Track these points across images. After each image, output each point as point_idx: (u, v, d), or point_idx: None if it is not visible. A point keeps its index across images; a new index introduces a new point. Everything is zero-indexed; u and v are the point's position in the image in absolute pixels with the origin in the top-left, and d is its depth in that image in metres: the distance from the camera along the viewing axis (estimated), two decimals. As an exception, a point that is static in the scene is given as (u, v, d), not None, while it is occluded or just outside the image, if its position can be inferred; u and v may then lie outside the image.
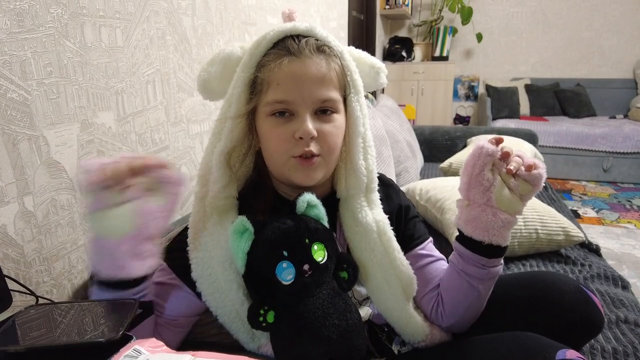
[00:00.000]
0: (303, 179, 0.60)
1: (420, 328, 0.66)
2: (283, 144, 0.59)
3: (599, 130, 3.45)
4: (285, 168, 0.60)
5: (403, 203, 0.74)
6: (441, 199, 1.33)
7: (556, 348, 0.54)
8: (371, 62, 0.69)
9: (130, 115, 0.94)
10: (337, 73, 0.60)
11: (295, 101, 0.58)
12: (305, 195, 0.58)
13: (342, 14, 2.61)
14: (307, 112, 0.58)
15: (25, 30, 0.69)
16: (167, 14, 1.03)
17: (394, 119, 2.16)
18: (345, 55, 0.63)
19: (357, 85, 0.64)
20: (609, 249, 2.32)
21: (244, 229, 0.55)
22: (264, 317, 0.55)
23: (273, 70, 0.58)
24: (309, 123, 0.57)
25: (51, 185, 0.76)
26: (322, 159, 0.60)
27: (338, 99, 0.61)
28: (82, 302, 0.47)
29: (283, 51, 0.58)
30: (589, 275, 1.11)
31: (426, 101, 4.13)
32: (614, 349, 0.82)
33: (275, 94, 0.58)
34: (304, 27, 0.60)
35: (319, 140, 0.59)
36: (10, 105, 0.68)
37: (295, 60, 0.58)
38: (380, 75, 0.70)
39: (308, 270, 0.54)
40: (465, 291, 0.64)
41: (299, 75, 0.57)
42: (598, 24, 4.04)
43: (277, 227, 0.55)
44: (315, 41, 0.60)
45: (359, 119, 0.63)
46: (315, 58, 0.58)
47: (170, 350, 0.37)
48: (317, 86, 0.58)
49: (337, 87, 0.61)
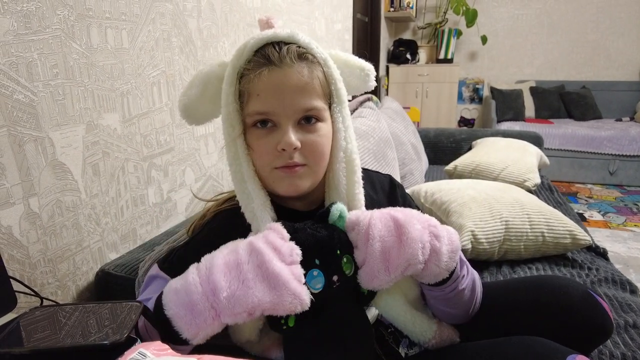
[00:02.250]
0: (288, 188, 0.58)
1: (427, 325, 0.66)
2: (266, 156, 0.57)
3: (605, 133, 3.42)
4: (270, 180, 0.59)
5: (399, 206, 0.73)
6: (446, 201, 1.32)
7: (565, 353, 0.53)
8: (360, 65, 0.68)
9: (136, 116, 0.94)
10: (320, 81, 0.58)
11: (277, 112, 0.56)
12: (338, 204, 0.58)
13: (346, 16, 2.61)
14: (290, 122, 0.56)
15: (31, 32, 0.69)
16: (173, 16, 1.03)
17: (399, 121, 2.15)
18: (329, 62, 0.61)
19: (340, 95, 0.61)
20: (616, 252, 2.30)
21: None
22: (285, 320, 0.54)
23: (253, 80, 0.56)
24: (291, 134, 0.55)
25: (56, 187, 0.76)
26: (308, 168, 0.58)
27: (322, 107, 0.59)
28: (87, 304, 0.46)
29: (263, 60, 0.56)
30: (596, 279, 1.10)
31: (431, 104, 4.12)
32: (623, 354, 0.80)
33: (256, 105, 0.56)
34: (285, 33, 0.58)
35: (304, 151, 0.57)
36: (17, 107, 0.68)
37: (276, 69, 0.55)
38: (370, 76, 0.69)
39: (337, 282, 0.54)
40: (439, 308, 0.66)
41: (279, 85, 0.55)
42: (604, 26, 4.02)
43: (312, 234, 0.55)
44: (297, 48, 0.57)
45: (341, 131, 0.61)
46: (296, 66, 0.56)
47: (176, 353, 0.37)
48: (299, 95, 0.56)
49: (321, 95, 0.59)
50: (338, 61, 0.65)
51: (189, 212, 1.17)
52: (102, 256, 0.88)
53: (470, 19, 3.97)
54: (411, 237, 0.54)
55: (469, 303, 0.66)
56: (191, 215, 1.17)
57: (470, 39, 4.30)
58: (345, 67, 0.65)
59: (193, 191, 1.17)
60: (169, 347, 0.37)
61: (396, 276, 0.54)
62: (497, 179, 1.73)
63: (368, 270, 0.54)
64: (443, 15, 4.24)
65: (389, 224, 0.55)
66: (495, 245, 1.16)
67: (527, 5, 4.18)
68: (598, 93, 4.03)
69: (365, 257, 0.55)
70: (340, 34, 2.49)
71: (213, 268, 0.48)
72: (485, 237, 1.16)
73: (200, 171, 1.20)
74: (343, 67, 0.65)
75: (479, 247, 1.16)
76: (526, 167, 1.79)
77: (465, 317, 0.68)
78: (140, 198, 0.98)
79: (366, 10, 3.45)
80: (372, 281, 0.55)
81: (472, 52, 4.44)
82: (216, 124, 1.26)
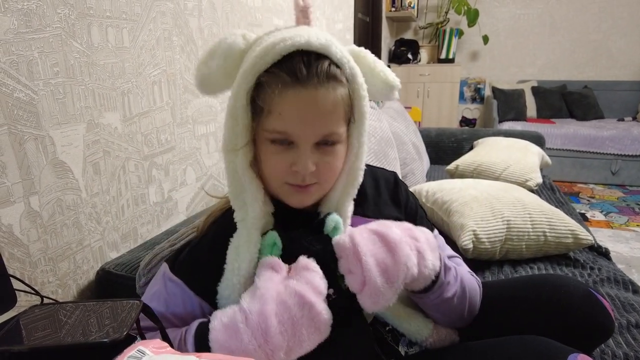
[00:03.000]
0: (296, 203, 0.59)
1: (422, 324, 0.66)
2: (279, 172, 0.56)
3: (607, 133, 3.41)
4: (279, 191, 0.59)
5: (402, 204, 0.73)
6: (448, 201, 1.32)
7: (567, 352, 0.52)
8: (385, 78, 0.63)
9: (136, 115, 0.94)
10: (344, 102, 0.56)
11: (297, 134, 0.54)
12: (334, 215, 0.58)
13: (347, 16, 2.61)
14: (309, 145, 0.55)
15: (32, 31, 0.69)
16: (174, 15, 1.03)
17: (400, 121, 2.15)
18: (358, 79, 0.57)
19: (362, 113, 0.59)
20: (618, 252, 2.30)
21: (272, 243, 0.55)
22: None
23: (275, 98, 0.52)
24: (308, 160, 0.54)
25: (57, 185, 0.76)
26: (319, 185, 0.58)
27: (343, 131, 0.57)
28: (87, 302, 0.46)
29: (288, 76, 0.52)
30: (598, 279, 1.09)
31: (432, 103, 4.12)
32: (625, 354, 0.80)
33: (276, 124, 0.54)
34: (319, 44, 0.53)
35: (317, 171, 0.56)
36: (17, 105, 0.68)
37: (301, 90, 0.52)
38: (394, 92, 0.65)
39: (332, 295, 0.54)
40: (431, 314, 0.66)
41: (303, 108, 0.52)
42: (606, 26, 4.01)
43: (307, 248, 0.55)
44: (328, 67, 0.53)
45: (354, 147, 0.60)
46: (323, 89, 0.52)
47: (175, 351, 0.37)
48: (322, 121, 0.54)
49: (344, 118, 0.57)
50: (364, 66, 0.61)
51: (190, 212, 1.17)
52: (102, 255, 0.88)
53: (472, 19, 3.97)
54: (397, 241, 0.53)
55: (460, 310, 0.65)
56: (192, 214, 1.17)
57: (472, 39, 4.29)
58: (369, 74, 0.61)
59: (197, 189, 1.17)
60: (167, 345, 0.37)
61: (398, 286, 0.53)
62: (499, 178, 1.73)
63: (370, 289, 0.52)
64: (444, 15, 4.23)
65: (372, 237, 0.54)
66: (496, 244, 1.16)
67: (528, 5, 4.18)
68: (600, 93, 4.02)
69: (364, 277, 0.52)
70: (341, 33, 2.49)
71: (269, 330, 0.47)
72: (486, 237, 1.16)
73: (201, 170, 1.20)
74: (367, 73, 0.61)
75: (480, 247, 1.15)
76: (528, 167, 1.78)
77: (460, 322, 0.68)
78: (141, 197, 0.98)
79: (367, 10, 3.45)
80: (377, 301, 0.52)
81: (473, 52, 4.43)
82: (217, 124, 1.26)
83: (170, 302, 0.59)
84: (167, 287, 0.60)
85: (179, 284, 0.60)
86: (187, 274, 0.60)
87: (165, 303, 0.59)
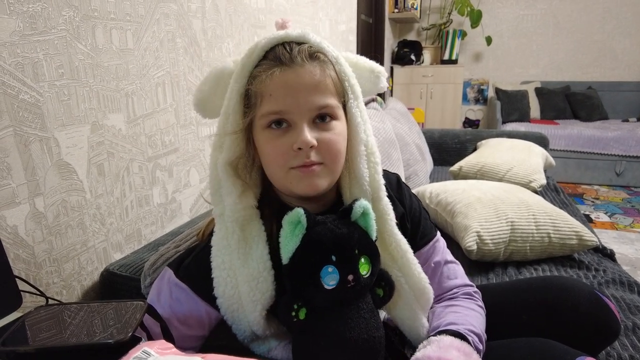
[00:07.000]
0: (306, 188, 0.58)
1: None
2: (282, 156, 0.57)
3: (612, 134, 3.39)
4: (286, 181, 0.58)
5: (406, 206, 0.72)
6: (451, 202, 1.32)
7: (574, 355, 0.52)
8: (370, 66, 0.67)
9: (140, 117, 0.95)
10: (332, 79, 0.58)
11: (291, 110, 0.56)
12: (362, 201, 0.57)
13: (350, 17, 2.61)
14: (304, 121, 0.56)
15: (37, 33, 0.70)
16: (177, 17, 1.04)
17: (403, 122, 2.15)
18: (341, 60, 0.61)
19: (355, 91, 0.61)
20: (623, 254, 2.28)
21: (297, 221, 0.55)
22: (296, 313, 0.54)
23: (265, 81, 0.56)
24: (306, 133, 0.55)
25: (62, 187, 0.76)
26: (325, 167, 0.58)
27: (336, 104, 0.59)
28: (92, 303, 0.46)
29: (274, 61, 0.56)
30: (603, 281, 1.09)
31: (435, 105, 4.11)
32: (631, 356, 0.79)
33: (270, 105, 0.56)
34: (296, 34, 0.58)
35: (320, 149, 0.57)
36: (22, 107, 0.68)
37: (287, 69, 0.55)
38: (381, 79, 0.68)
39: (351, 281, 0.54)
40: None
41: (292, 84, 0.55)
42: (610, 27, 4.00)
43: (332, 230, 0.55)
44: (309, 48, 0.57)
45: (360, 125, 0.61)
46: (308, 66, 0.56)
47: (180, 352, 0.37)
48: (312, 93, 0.56)
49: (334, 94, 0.59)
50: (347, 60, 0.64)
51: (194, 213, 1.17)
52: (107, 256, 0.89)
53: (475, 20, 3.96)
54: None
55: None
56: (196, 216, 1.17)
57: (475, 40, 4.29)
58: (355, 69, 0.64)
59: (201, 190, 1.17)
60: (172, 345, 0.37)
61: None
62: (503, 179, 1.72)
63: None
64: (447, 16, 4.23)
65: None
66: (500, 246, 1.16)
67: (532, 6, 4.16)
68: (604, 94, 4.00)
69: None
70: (344, 35, 2.49)
71: None
72: (490, 238, 1.15)
73: (205, 172, 1.20)
74: (353, 69, 0.64)
75: (484, 248, 1.15)
76: (532, 168, 1.78)
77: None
78: (145, 198, 0.98)
79: (370, 12, 3.45)
80: None
81: (476, 53, 4.42)
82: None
83: (175, 307, 0.59)
84: (172, 292, 0.60)
85: (184, 289, 0.60)
86: (193, 279, 0.60)
87: (170, 309, 0.59)
